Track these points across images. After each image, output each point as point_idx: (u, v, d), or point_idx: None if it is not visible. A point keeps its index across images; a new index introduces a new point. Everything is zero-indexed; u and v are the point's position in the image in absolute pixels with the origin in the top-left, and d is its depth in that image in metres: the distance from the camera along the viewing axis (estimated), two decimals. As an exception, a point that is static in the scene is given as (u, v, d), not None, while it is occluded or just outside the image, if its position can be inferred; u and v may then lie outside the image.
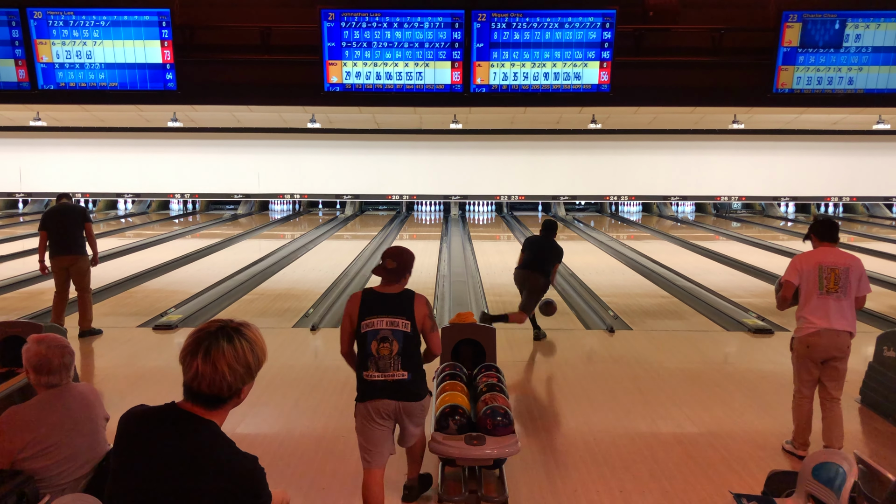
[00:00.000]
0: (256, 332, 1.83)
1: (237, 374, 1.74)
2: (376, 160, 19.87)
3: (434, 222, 19.67)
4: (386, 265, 3.38)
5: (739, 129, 16.42)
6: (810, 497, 2.82)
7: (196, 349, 1.73)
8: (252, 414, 4.92)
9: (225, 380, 1.72)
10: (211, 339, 1.73)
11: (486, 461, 3.64)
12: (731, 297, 9.17)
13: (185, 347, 1.76)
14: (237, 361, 1.73)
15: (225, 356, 1.72)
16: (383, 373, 3.27)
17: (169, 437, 1.71)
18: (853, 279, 4.20)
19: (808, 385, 4.36)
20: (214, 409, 1.76)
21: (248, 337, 1.78)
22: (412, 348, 3.32)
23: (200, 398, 1.75)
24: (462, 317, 5.01)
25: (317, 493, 3.83)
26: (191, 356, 1.73)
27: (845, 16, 7.59)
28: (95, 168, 19.87)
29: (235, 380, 1.74)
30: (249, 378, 1.79)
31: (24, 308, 8.20)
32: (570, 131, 18.65)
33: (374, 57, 7.78)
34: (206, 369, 1.71)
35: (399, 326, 3.29)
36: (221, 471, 1.69)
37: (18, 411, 2.78)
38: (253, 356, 1.77)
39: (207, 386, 1.72)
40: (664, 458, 4.28)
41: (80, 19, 7.75)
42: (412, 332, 3.31)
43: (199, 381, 1.72)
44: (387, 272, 3.38)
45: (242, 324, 1.81)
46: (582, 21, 7.65)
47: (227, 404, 1.79)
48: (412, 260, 3.47)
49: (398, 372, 3.28)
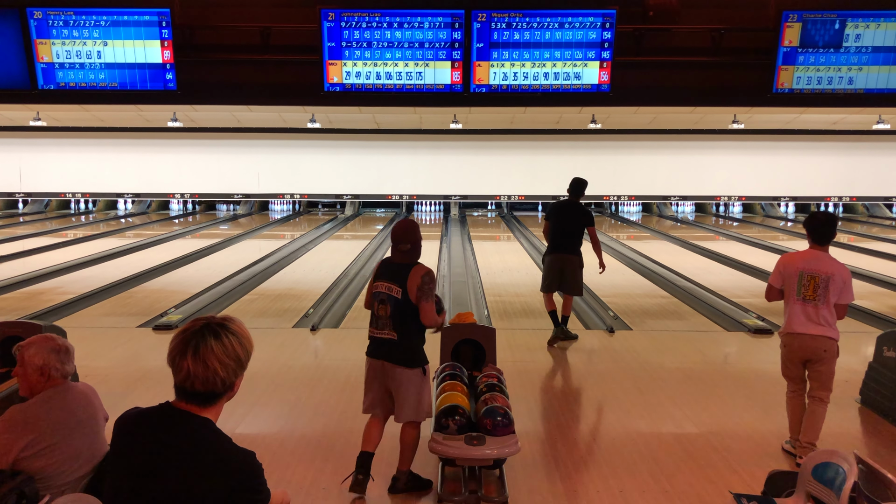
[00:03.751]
0: (241, 325, 1.83)
1: (229, 369, 1.74)
2: (376, 160, 19.87)
3: (434, 222, 19.67)
4: (401, 249, 3.77)
5: (739, 129, 16.42)
6: (810, 497, 2.82)
7: (184, 349, 1.73)
8: (252, 414, 4.92)
9: (218, 376, 1.72)
10: (197, 337, 1.73)
11: (486, 461, 3.64)
12: (731, 297, 9.17)
13: (172, 349, 1.75)
14: (227, 356, 1.73)
15: (214, 353, 1.72)
16: (379, 330, 3.76)
17: (166, 436, 1.71)
18: (834, 288, 4.17)
19: (793, 381, 4.44)
20: (209, 406, 1.77)
21: (234, 330, 1.79)
22: (401, 314, 3.68)
23: (195, 397, 1.74)
24: (462, 317, 5.01)
25: (318, 492, 3.83)
26: (180, 357, 1.73)
27: (845, 16, 7.59)
28: (95, 168, 19.85)
29: (228, 374, 1.75)
30: (241, 370, 1.79)
31: (24, 308, 8.20)
32: (569, 131, 18.64)
33: (374, 57, 7.78)
34: (198, 368, 1.71)
35: (392, 292, 3.70)
36: (220, 467, 1.69)
37: (19, 411, 2.78)
38: (242, 349, 1.78)
39: (202, 384, 1.72)
40: (664, 458, 4.28)
41: (80, 19, 7.75)
42: (402, 299, 3.67)
43: (192, 381, 1.72)
44: (402, 254, 3.78)
45: (226, 318, 1.82)
46: (582, 21, 7.65)
47: (222, 399, 1.80)
48: (420, 235, 3.83)
49: (389, 332, 3.71)
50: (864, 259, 12.36)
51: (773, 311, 8.48)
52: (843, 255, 12.86)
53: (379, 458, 3.88)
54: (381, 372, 3.75)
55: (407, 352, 3.71)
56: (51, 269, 10.85)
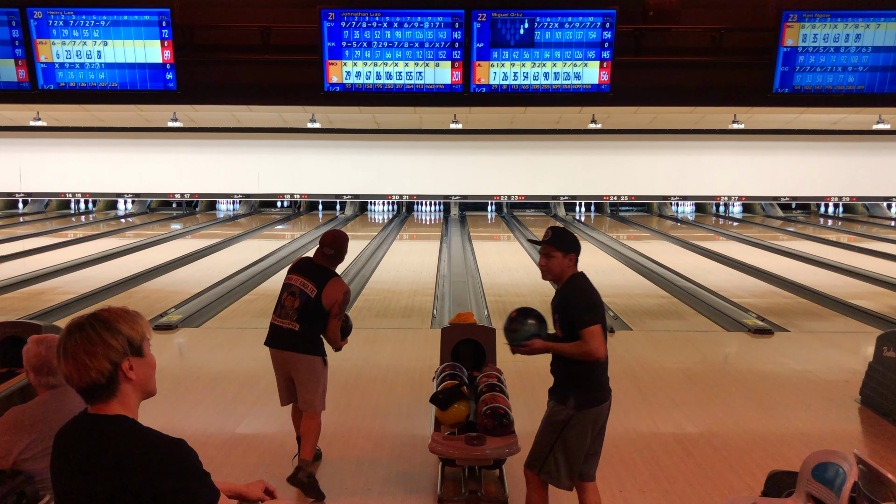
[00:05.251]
0: (114, 310, 1.75)
1: (98, 357, 1.67)
2: (376, 160, 19.87)
3: (434, 222, 19.67)
4: (324, 252, 3.97)
5: (739, 129, 16.42)
6: (810, 497, 2.81)
7: (58, 353, 1.71)
8: (252, 414, 4.92)
9: (90, 368, 1.67)
10: (66, 337, 1.70)
11: (486, 461, 3.64)
12: (731, 297, 9.17)
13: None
14: (93, 344, 1.68)
15: (80, 346, 1.67)
16: (282, 319, 3.91)
17: (81, 448, 1.69)
18: None
19: None
20: (109, 400, 1.71)
21: (102, 317, 1.72)
22: (308, 311, 3.84)
23: (84, 395, 1.72)
24: (462, 317, 5.00)
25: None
26: (57, 362, 1.71)
27: (845, 15, 7.58)
28: (95, 168, 19.86)
29: (99, 362, 1.68)
30: (119, 355, 1.70)
31: (24, 308, 8.20)
32: (570, 131, 18.64)
33: (374, 57, 7.77)
34: (69, 367, 1.68)
35: (307, 289, 3.87)
36: (139, 462, 1.64)
37: (19, 412, 2.78)
38: (111, 333, 1.70)
39: (79, 380, 1.68)
40: (664, 458, 4.28)
41: (81, 19, 7.74)
42: (314, 299, 3.84)
43: (71, 381, 1.70)
44: (325, 258, 3.97)
45: (100, 309, 1.76)
46: (582, 21, 7.65)
47: (116, 389, 1.72)
48: (346, 247, 4.05)
49: (291, 323, 3.87)
50: (864, 259, 12.36)
51: (773, 311, 8.49)
52: (844, 254, 12.87)
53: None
54: (283, 361, 3.94)
55: (308, 341, 3.89)
56: (51, 269, 10.85)
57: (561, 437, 3.10)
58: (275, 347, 3.95)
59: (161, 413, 4.58)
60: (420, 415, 4.86)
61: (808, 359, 6.48)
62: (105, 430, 1.69)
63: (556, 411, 3.17)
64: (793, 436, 4.66)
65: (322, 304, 3.84)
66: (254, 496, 2.06)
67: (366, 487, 3.92)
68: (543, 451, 3.14)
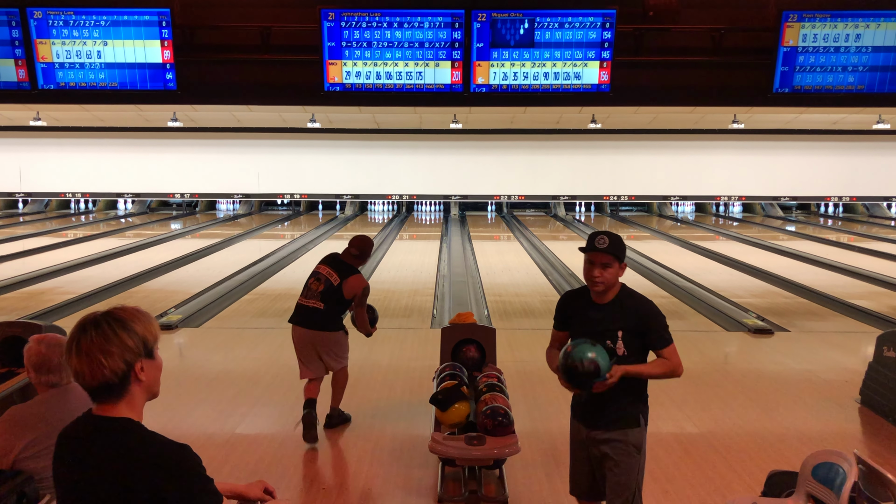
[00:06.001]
0: (129, 310, 1.74)
1: (114, 356, 1.66)
2: (376, 160, 19.87)
3: (434, 222, 19.67)
4: (351, 251, 4.71)
5: (739, 129, 16.42)
6: (810, 497, 2.82)
7: (70, 348, 1.68)
8: (252, 414, 4.92)
9: (103, 367, 1.66)
10: (80, 333, 1.68)
11: (486, 461, 3.64)
12: (731, 297, 9.17)
13: (64, 352, 1.71)
14: (109, 343, 1.66)
15: (95, 344, 1.65)
16: (308, 300, 4.53)
17: (86, 451, 1.67)
18: None
19: None
20: (118, 400, 1.70)
21: (118, 316, 1.71)
22: (331, 295, 4.49)
23: (94, 393, 1.69)
24: (462, 317, 5.00)
25: (317, 492, 3.83)
26: (67, 357, 1.68)
27: (845, 15, 7.58)
28: (95, 168, 19.86)
29: (114, 362, 1.67)
30: (132, 355, 1.69)
31: (24, 308, 8.20)
32: (569, 131, 18.64)
33: (374, 57, 7.77)
34: (82, 363, 1.66)
35: (331, 278, 4.55)
36: (143, 466, 1.63)
37: (19, 411, 2.78)
38: (128, 332, 1.69)
39: (91, 378, 1.66)
40: (664, 458, 4.28)
41: (80, 19, 7.74)
42: (336, 287, 4.51)
43: (81, 377, 1.68)
44: (351, 256, 4.71)
45: (115, 307, 1.74)
46: (582, 21, 7.64)
47: (126, 390, 1.71)
48: (370, 251, 4.83)
49: (316, 302, 4.50)
50: (864, 259, 12.36)
51: (773, 310, 8.49)
52: (844, 254, 12.87)
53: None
54: (310, 339, 4.49)
55: (330, 320, 4.52)
56: (51, 269, 10.85)
57: (642, 463, 2.88)
58: (300, 326, 4.50)
59: (161, 413, 4.57)
60: (420, 415, 4.86)
61: (808, 359, 6.49)
62: (111, 434, 1.68)
63: (631, 438, 2.84)
64: (793, 436, 4.66)
65: (343, 293, 4.51)
66: (254, 496, 2.06)
67: (366, 487, 3.92)
68: (631, 488, 2.83)
